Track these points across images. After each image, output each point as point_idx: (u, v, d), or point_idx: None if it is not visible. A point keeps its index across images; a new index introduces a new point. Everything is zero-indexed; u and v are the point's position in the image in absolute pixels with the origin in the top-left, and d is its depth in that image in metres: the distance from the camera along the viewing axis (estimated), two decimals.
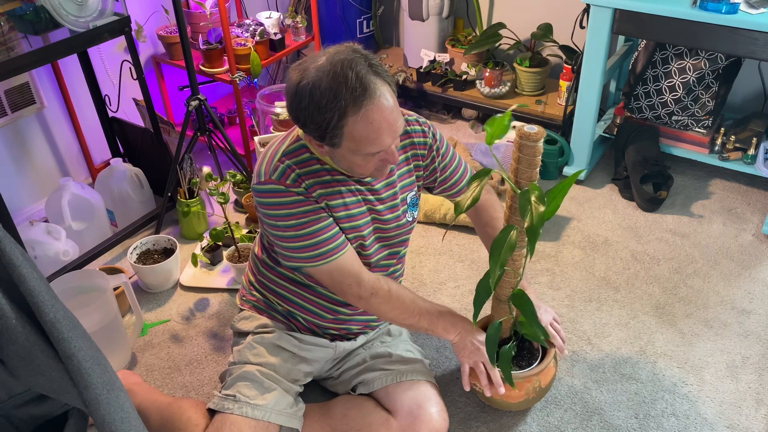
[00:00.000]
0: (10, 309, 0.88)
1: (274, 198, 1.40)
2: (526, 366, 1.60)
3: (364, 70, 1.26)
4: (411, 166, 1.57)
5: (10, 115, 2.31)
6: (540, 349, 1.65)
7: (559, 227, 2.40)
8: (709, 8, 2.07)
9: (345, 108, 1.25)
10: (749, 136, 2.46)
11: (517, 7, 2.96)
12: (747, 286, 2.11)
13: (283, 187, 1.39)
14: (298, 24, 2.87)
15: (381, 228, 1.54)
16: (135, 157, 2.57)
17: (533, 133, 1.35)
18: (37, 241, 2.10)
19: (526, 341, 1.66)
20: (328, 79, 1.25)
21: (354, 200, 1.47)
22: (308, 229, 1.40)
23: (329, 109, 1.25)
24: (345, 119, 1.26)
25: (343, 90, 1.24)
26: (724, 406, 1.74)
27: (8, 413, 1.05)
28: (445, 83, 2.96)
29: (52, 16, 1.94)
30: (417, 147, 1.56)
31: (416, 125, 1.55)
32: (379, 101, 1.27)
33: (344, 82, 1.24)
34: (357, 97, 1.25)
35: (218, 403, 1.50)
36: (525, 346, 1.66)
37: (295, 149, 1.43)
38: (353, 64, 1.25)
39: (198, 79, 2.39)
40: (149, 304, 2.13)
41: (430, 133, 1.57)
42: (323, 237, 1.41)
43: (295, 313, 1.62)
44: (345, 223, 1.46)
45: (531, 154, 1.35)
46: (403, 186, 1.56)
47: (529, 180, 1.38)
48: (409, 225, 1.60)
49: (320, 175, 1.42)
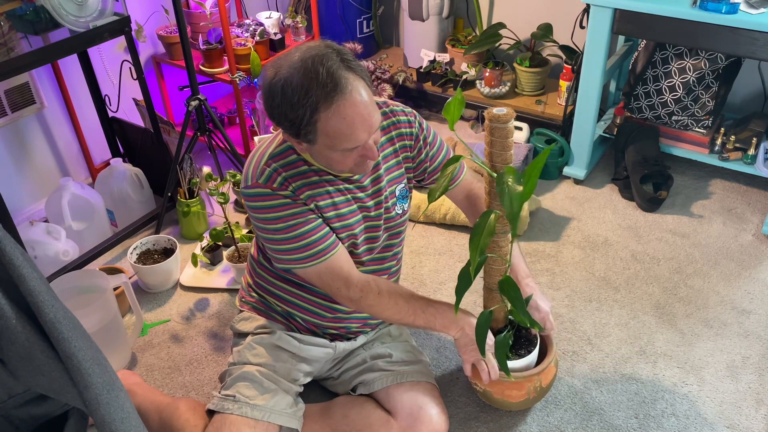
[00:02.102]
0: (10, 309, 0.88)
1: (261, 201, 1.40)
2: (525, 354, 1.58)
3: (335, 65, 1.25)
4: (399, 158, 1.55)
5: (10, 115, 2.31)
6: (538, 337, 1.62)
7: (559, 227, 2.40)
8: (709, 8, 2.07)
9: (316, 104, 1.25)
10: (749, 136, 2.46)
11: (517, 7, 2.96)
12: (747, 286, 2.11)
13: (269, 191, 1.39)
14: (298, 24, 2.87)
15: (372, 225, 1.53)
16: (135, 157, 2.57)
17: (503, 114, 1.34)
18: (37, 241, 2.10)
19: (523, 329, 1.63)
20: (299, 76, 1.24)
21: (343, 199, 1.46)
22: (296, 232, 1.40)
23: (301, 106, 1.25)
24: (317, 115, 1.26)
25: (314, 86, 1.24)
26: (724, 406, 1.74)
27: (8, 413, 1.05)
28: (445, 83, 2.96)
29: (52, 16, 1.94)
30: (404, 138, 1.54)
31: (402, 115, 1.53)
32: (351, 96, 1.26)
33: (315, 78, 1.24)
34: (328, 93, 1.24)
35: (218, 404, 1.50)
36: (522, 335, 1.63)
37: (281, 151, 1.42)
38: (324, 59, 1.25)
39: (198, 79, 2.39)
40: (149, 304, 2.13)
41: (417, 122, 1.55)
42: (312, 239, 1.41)
43: (293, 314, 1.62)
44: (335, 223, 1.46)
45: (503, 135, 1.35)
46: (392, 179, 1.54)
47: (504, 163, 1.37)
48: (399, 218, 1.58)
49: (308, 177, 1.42)
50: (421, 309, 1.49)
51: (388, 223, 1.56)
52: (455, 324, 1.51)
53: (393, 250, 1.63)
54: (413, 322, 1.50)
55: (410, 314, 1.49)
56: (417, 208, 2.42)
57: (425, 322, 1.50)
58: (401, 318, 1.50)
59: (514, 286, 1.39)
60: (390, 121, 1.52)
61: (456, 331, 1.52)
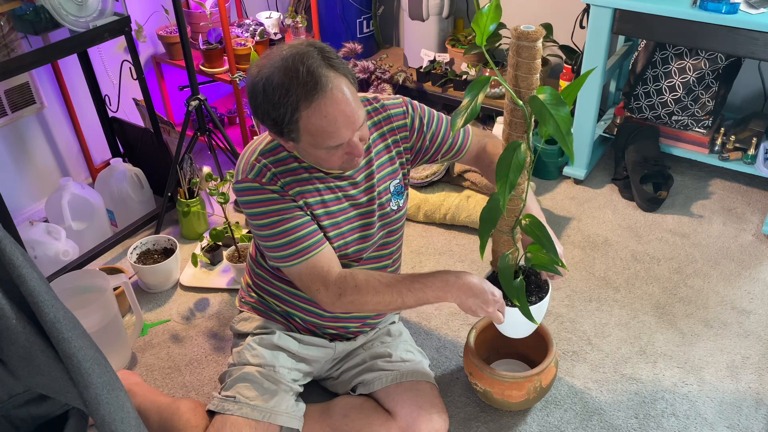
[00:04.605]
0: (10, 309, 0.89)
1: (250, 196, 1.40)
2: (537, 301, 1.46)
3: (316, 63, 1.25)
4: (393, 153, 1.53)
5: (10, 115, 2.31)
6: (549, 283, 1.51)
7: (559, 227, 2.40)
8: (709, 8, 2.07)
9: (297, 102, 1.25)
10: (749, 136, 2.46)
11: (517, 7, 2.96)
12: (747, 286, 2.11)
13: (258, 185, 1.39)
14: (298, 24, 2.87)
15: (366, 222, 1.52)
16: (135, 157, 2.57)
17: (531, 32, 1.20)
18: (37, 241, 2.10)
19: (532, 275, 1.52)
20: (280, 75, 1.25)
21: (333, 197, 1.46)
22: (281, 228, 1.39)
23: (282, 105, 1.25)
24: (298, 114, 1.26)
25: (295, 85, 1.24)
26: (724, 406, 1.74)
27: (8, 413, 1.05)
28: (445, 83, 2.96)
29: (52, 16, 1.94)
30: (399, 131, 1.52)
31: (393, 108, 1.52)
32: (332, 94, 1.25)
33: (295, 77, 1.24)
34: (308, 91, 1.24)
35: (218, 405, 1.50)
36: (531, 280, 1.51)
37: (272, 148, 1.43)
38: (305, 57, 1.25)
39: (198, 79, 2.39)
40: (149, 304, 2.13)
41: (409, 109, 1.53)
42: (296, 235, 1.39)
43: (292, 314, 1.62)
44: (324, 221, 1.45)
45: (530, 56, 1.21)
46: (384, 175, 1.52)
47: (531, 88, 1.24)
48: (395, 214, 1.57)
49: (298, 173, 1.42)
50: (406, 288, 1.39)
51: (383, 220, 1.55)
52: (449, 288, 1.39)
53: (389, 248, 1.61)
54: (403, 304, 1.40)
55: (396, 297, 1.38)
56: (417, 208, 2.43)
57: (416, 299, 1.39)
58: (388, 304, 1.40)
59: (540, 226, 1.31)
60: (382, 116, 1.51)
61: (453, 297, 1.39)
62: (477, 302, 1.38)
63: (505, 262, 1.37)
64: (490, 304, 1.39)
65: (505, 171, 1.22)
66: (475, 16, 1.19)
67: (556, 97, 1.17)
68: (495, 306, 1.40)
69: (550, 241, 1.33)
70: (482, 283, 1.39)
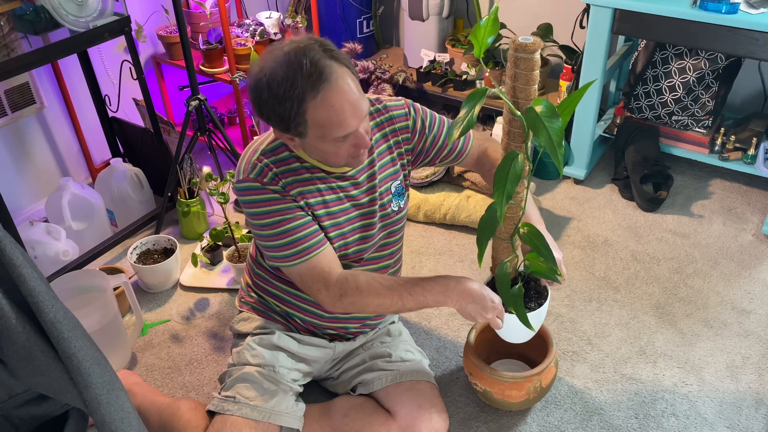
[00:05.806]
0: (10, 309, 0.88)
1: (251, 195, 1.40)
2: (536, 307, 1.47)
3: (318, 55, 1.26)
4: (394, 154, 1.54)
5: (10, 115, 2.31)
6: (548, 289, 1.51)
7: (559, 227, 2.40)
8: (709, 8, 2.07)
9: (303, 94, 1.25)
10: (749, 136, 2.46)
11: (517, 7, 2.96)
12: (747, 286, 2.11)
13: (259, 185, 1.39)
14: (298, 24, 2.87)
15: (367, 223, 1.52)
16: (135, 157, 2.57)
17: (529, 43, 1.21)
18: (37, 241, 2.10)
19: (532, 281, 1.52)
20: (284, 69, 1.25)
21: (334, 197, 1.46)
22: (281, 228, 1.39)
23: (288, 98, 1.26)
24: (305, 105, 1.26)
25: (299, 77, 1.24)
26: (724, 406, 1.74)
27: (8, 413, 1.05)
28: (445, 83, 2.96)
29: (52, 16, 1.94)
30: (401, 132, 1.53)
31: (396, 109, 1.52)
32: (336, 83, 1.26)
33: (299, 69, 1.24)
34: (314, 82, 1.25)
35: (218, 405, 1.50)
36: (531, 286, 1.52)
37: (273, 148, 1.43)
38: (307, 50, 1.26)
39: (198, 79, 2.39)
40: (149, 304, 2.13)
41: (411, 111, 1.54)
42: (297, 236, 1.40)
43: (292, 314, 1.62)
44: (325, 221, 1.45)
45: (528, 68, 1.22)
46: (386, 176, 1.53)
47: (529, 99, 1.25)
48: (395, 215, 1.57)
49: (299, 173, 1.42)
50: (407, 291, 1.39)
51: (384, 221, 1.55)
52: (448, 293, 1.39)
53: (390, 249, 1.62)
54: (403, 307, 1.40)
55: (397, 300, 1.39)
56: (417, 208, 2.43)
57: (416, 303, 1.40)
58: (389, 307, 1.40)
59: (539, 235, 1.32)
60: (385, 117, 1.51)
61: (453, 302, 1.39)
62: (476, 308, 1.39)
63: (503, 270, 1.37)
64: (489, 310, 1.39)
65: (502, 181, 1.23)
66: (473, 29, 1.21)
67: (551, 109, 1.18)
68: (494, 312, 1.40)
69: (548, 250, 1.33)
70: (482, 290, 1.40)
